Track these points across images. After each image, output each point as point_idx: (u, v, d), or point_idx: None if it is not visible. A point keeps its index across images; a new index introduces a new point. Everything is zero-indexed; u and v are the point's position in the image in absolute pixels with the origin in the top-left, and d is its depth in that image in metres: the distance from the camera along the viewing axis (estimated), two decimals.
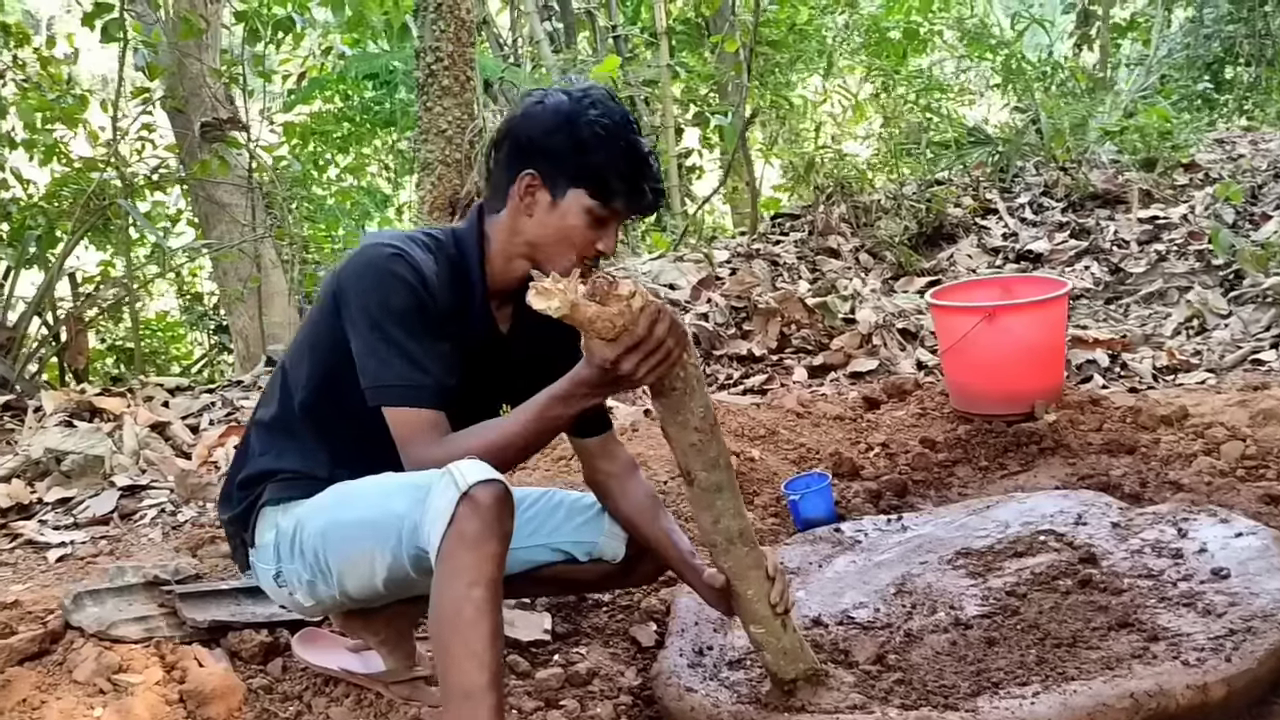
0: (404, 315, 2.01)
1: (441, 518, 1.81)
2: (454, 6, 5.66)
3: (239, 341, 8.54)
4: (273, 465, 2.18)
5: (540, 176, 2.08)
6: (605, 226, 2.10)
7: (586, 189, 2.06)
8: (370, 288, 2.02)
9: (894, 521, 3.25)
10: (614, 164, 2.04)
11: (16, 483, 3.94)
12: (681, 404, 1.92)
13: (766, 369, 5.40)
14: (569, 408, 1.94)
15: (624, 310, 1.74)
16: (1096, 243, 6.76)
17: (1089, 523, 2.96)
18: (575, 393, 1.91)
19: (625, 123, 2.08)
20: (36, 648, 2.40)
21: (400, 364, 1.99)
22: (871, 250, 6.98)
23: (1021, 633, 2.42)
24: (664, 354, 1.79)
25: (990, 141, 8.18)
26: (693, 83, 10.58)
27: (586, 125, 2.04)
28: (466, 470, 1.84)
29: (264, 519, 2.17)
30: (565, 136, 2.05)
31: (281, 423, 2.21)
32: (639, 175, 2.07)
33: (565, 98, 2.09)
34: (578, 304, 1.70)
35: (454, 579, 1.79)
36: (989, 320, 4.04)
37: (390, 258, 2.03)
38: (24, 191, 7.50)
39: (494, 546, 1.81)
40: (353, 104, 10.22)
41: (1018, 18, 10.14)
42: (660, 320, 1.76)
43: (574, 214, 2.07)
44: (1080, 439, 3.95)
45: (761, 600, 2.12)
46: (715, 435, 1.98)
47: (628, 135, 2.06)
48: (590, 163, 2.04)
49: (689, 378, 1.90)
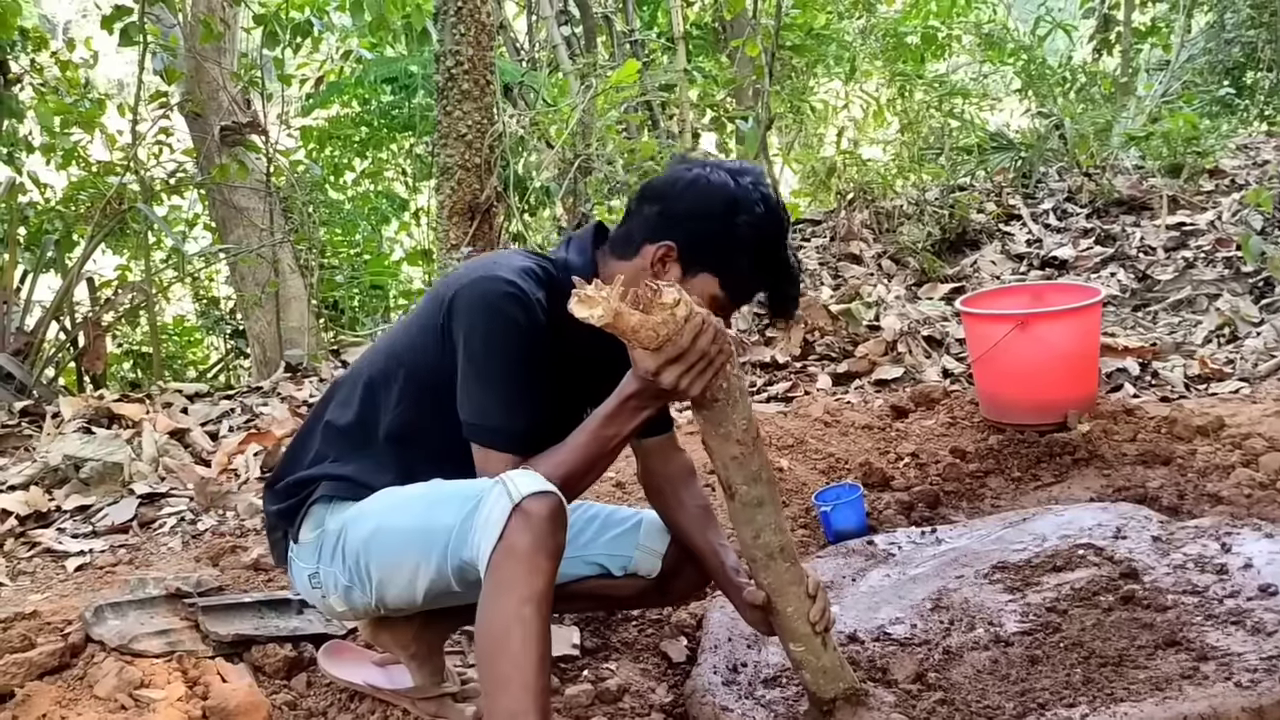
0: (510, 357, 1.98)
1: (493, 529, 1.76)
2: (474, 10, 5.61)
3: (256, 346, 8.50)
4: (334, 471, 2.13)
5: (679, 251, 2.03)
6: (723, 313, 2.03)
7: (720, 279, 2.03)
8: (481, 324, 1.99)
9: (928, 534, 3.20)
10: (758, 274, 2.05)
11: (35, 490, 3.90)
12: (724, 415, 1.86)
13: (790, 376, 5.34)
14: (622, 425, 1.90)
15: (668, 319, 1.68)
16: (1122, 249, 6.68)
17: (1129, 536, 2.90)
18: (624, 408, 1.88)
19: (779, 231, 2.06)
20: (56, 661, 2.36)
21: (496, 408, 1.98)
22: (894, 256, 6.91)
23: (1065, 651, 2.35)
24: (707, 365, 1.74)
25: (1013, 147, 8.10)
26: (709, 88, 10.52)
27: (744, 225, 2.01)
28: (520, 481, 1.80)
29: (311, 516, 2.12)
30: (719, 225, 2.01)
31: (358, 434, 2.15)
32: (778, 287, 2.08)
33: (730, 183, 2.03)
34: (620, 312, 1.64)
35: (503, 595, 1.74)
36: (1021, 328, 3.98)
37: (505, 296, 1.99)
38: (42, 196, 7.49)
39: (545, 562, 1.76)
40: (371, 108, 10.17)
41: (1039, 22, 10.05)
42: (704, 330, 1.70)
43: (699, 293, 1.99)
44: (1115, 450, 3.88)
45: (801, 618, 2.06)
46: (757, 448, 1.92)
47: (779, 248, 2.05)
48: (735, 263, 2.02)
49: (731, 388, 1.84)
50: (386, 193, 11.20)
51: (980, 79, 10.60)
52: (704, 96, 10.65)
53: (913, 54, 10.95)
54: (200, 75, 7.91)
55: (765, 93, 7.52)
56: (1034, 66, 9.39)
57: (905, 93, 9.62)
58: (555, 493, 1.80)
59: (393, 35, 8.58)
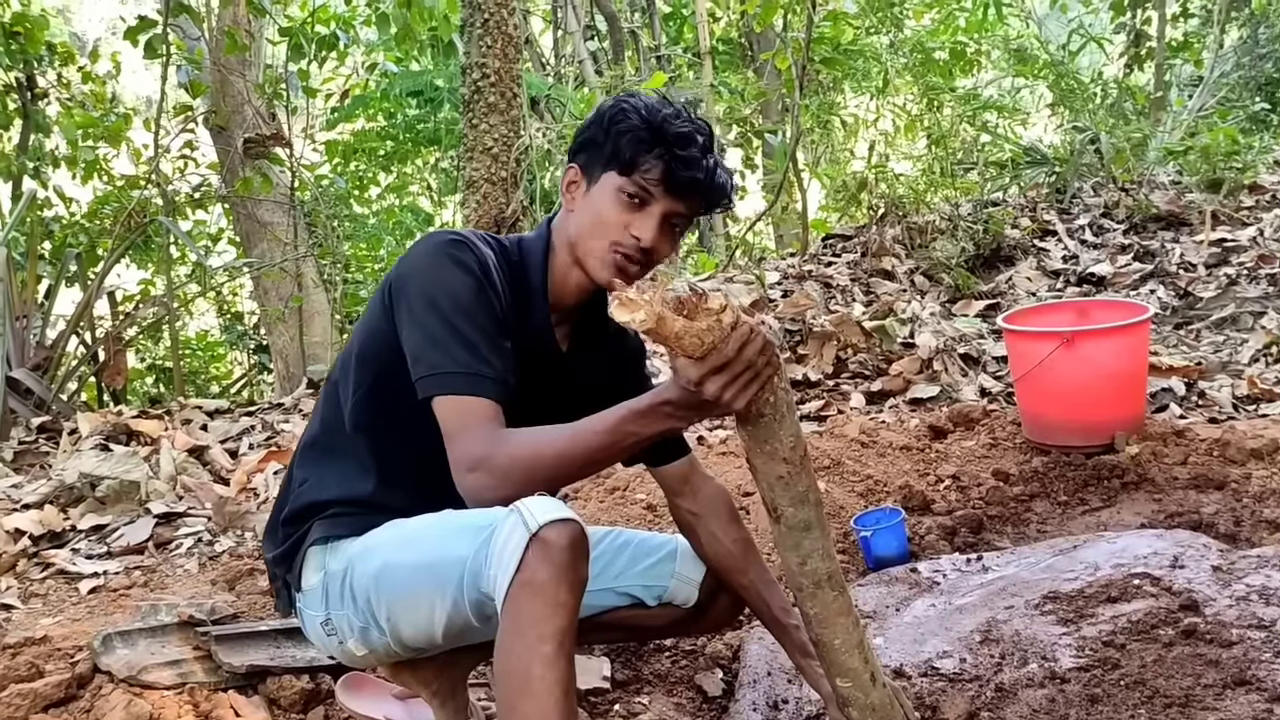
0: (467, 303, 1.83)
1: (509, 561, 1.63)
2: (501, 23, 5.55)
3: (279, 361, 8.46)
4: (316, 496, 2.00)
5: (581, 170, 1.95)
6: (641, 210, 1.90)
7: (616, 168, 1.89)
8: (431, 274, 1.85)
9: (973, 561, 3.06)
10: (639, 139, 1.87)
11: (49, 509, 3.82)
12: (770, 432, 1.73)
13: (823, 394, 5.21)
14: (646, 426, 1.72)
15: (713, 326, 1.55)
16: (1162, 266, 6.53)
17: (1187, 565, 2.76)
18: (657, 411, 1.70)
19: (663, 105, 1.92)
20: (63, 693, 2.27)
21: (462, 351, 1.79)
22: (927, 272, 6.79)
23: (1126, 689, 2.21)
24: (753, 376, 1.60)
25: (1047, 162, 7.98)
26: (735, 103, 10.46)
27: (620, 110, 1.90)
28: (535, 508, 1.66)
29: (311, 560, 1.98)
30: (603, 126, 1.91)
31: (325, 441, 2.03)
32: (669, 150, 1.88)
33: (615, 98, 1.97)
34: (664, 316, 1.51)
35: (522, 632, 1.61)
36: (1067, 346, 3.84)
37: (453, 243, 1.88)
38: (66, 210, 7.47)
39: (566, 595, 1.62)
40: (396, 122, 10.16)
41: (1073, 37, 9.94)
42: (752, 340, 1.57)
43: (606, 196, 1.90)
44: (1165, 473, 3.74)
45: (850, 651, 1.92)
46: (805, 467, 1.79)
47: (660, 113, 1.89)
48: (619, 142, 1.88)
49: (779, 403, 1.70)
50: (411, 207, 11.19)
51: (1012, 93, 10.49)
52: (730, 111, 10.59)
53: (941, 70, 10.86)
54: (225, 89, 7.90)
55: (795, 106, 7.41)
56: (1066, 81, 9.28)
57: (935, 107, 9.51)
58: (576, 519, 1.67)
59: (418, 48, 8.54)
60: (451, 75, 9.08)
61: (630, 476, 3.75)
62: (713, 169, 1.92)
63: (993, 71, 11.68)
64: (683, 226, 1.96)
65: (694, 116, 1.93)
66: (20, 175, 8.14)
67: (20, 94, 8.33)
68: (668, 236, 1.93)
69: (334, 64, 9.66)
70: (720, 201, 1.97)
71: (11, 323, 5.53)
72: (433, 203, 11.25)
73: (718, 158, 1.94)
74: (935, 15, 11.76)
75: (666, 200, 1.89)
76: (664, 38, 11.13)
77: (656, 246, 1.91)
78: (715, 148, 1.95)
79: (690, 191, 1.90)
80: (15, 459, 4.65)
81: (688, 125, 1.89)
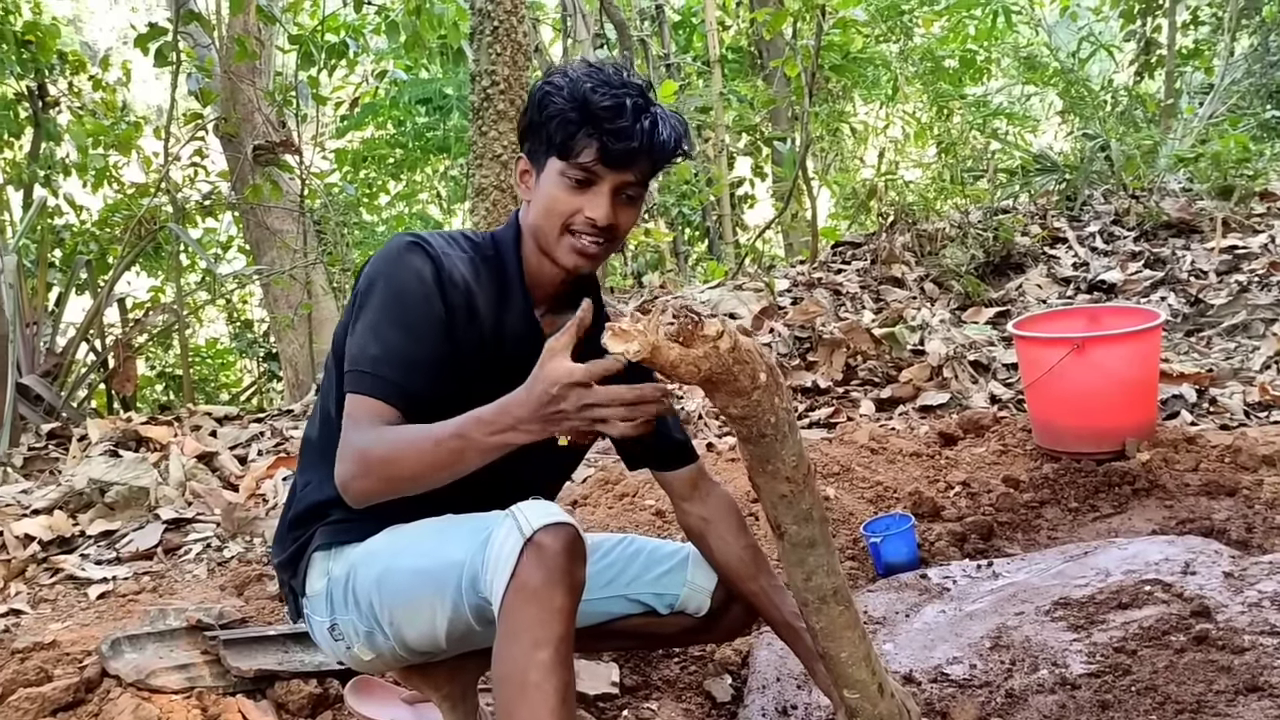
0: (398, 306, 1.84)
1: (504, 567, 1.63)
2: (510, 30, 5.54)
3: (289, 369, 8.47)
4: (318, 496, 2.00)
5: (529, 160, 1.94)
6: (588, 189, 1.87)
7: (558, 153, 1.87)
8: (378, 273, 1.87)
9: (983, 567, 3.05)
10: (568, 120, 1.84)
11: (59, 514, 3.83)
12: (771, 451, 1.71)
13: (832, 401, 5.20)
14: (490, 435, 1.67)
15: (710, 353, 1.53)
16: (1173, 273, 6.50)
17: (1198, 572, 2.74)
18: (498, 421, 1.66)
19: (587, 77, 1.87)
20: (70, 697, 2.26)
21: (375, 351, 1.80)
22: (937, 280, 6.77)
23: (1138, 695, 2.19)
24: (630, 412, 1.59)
25: (1057, 169, 7.95)
26: (745, 111, 10.46)
27: (545, 93, 1.88)
28: (530, 513, 1.66)
29: (315, 566, 1.98)
30: (536, 112, 1.89)
31: (321, 440, 2.02)
32: (598, 127, 1.84)
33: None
34: (659, 346, 1.49)
35: (517, 638, 1.61)
36: (1078, 352, 3.82)
37: (408, 246, 1.88)
38: (77, 218, 7.49)
39: (562, 600, 1.62)
40: (405, 130, 10.18)
41: (1082, 44, 9.92)
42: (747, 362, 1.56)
43: (552, 183, 1.88)
44: (1176, 479, 3.71)
45: (857, 663, 1.91)
46: (808, 485, 1.77)
47: (584, 87, 1.85)
48: (550, 127, 1.86)
49: (780, 423, 1.69)
50: (420, 214, 11.19)
51: (1022, 101, 10.48)
52: (739, 120, 10.60)
53: (951, 77, 10.86)
54: (235, 97, 7.92)
55: (805, 114, 7.41)
56: (1076, 89, 9.26)
57: (945, 114, 9.52)
58: (571, 523, 1.67)
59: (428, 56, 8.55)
60: (461, 83, 9.09)
61: (639, 482, 3.74)
62: (650, 130, 1.87)
63: (1002, 79, 11.68)
64: (638, 193, 1.93)
65: (623, 79, 1.89)
66: (31, 183, 8.19)
67: (32, 102, 8.38)
68: (625, 207, 1.91)
69: (344, 72, 9.68)
70: (669, 157, 1.94)
71: (22, 329, 5.54)
72: (442, 210, 11.25)
73: (656, 113, 1.89)
74: (945, 24, 11.77)
75: (612, 175, 1.86)
76: (673, 46, 11.13)
77: (615, 222, 1.89)
78: (649, 103, 1.89)
79: (631, 161, 1.87)
80: (25, 465, 4.66)
81: (614, 94, 1.84)
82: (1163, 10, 11.30)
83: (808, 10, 7.45)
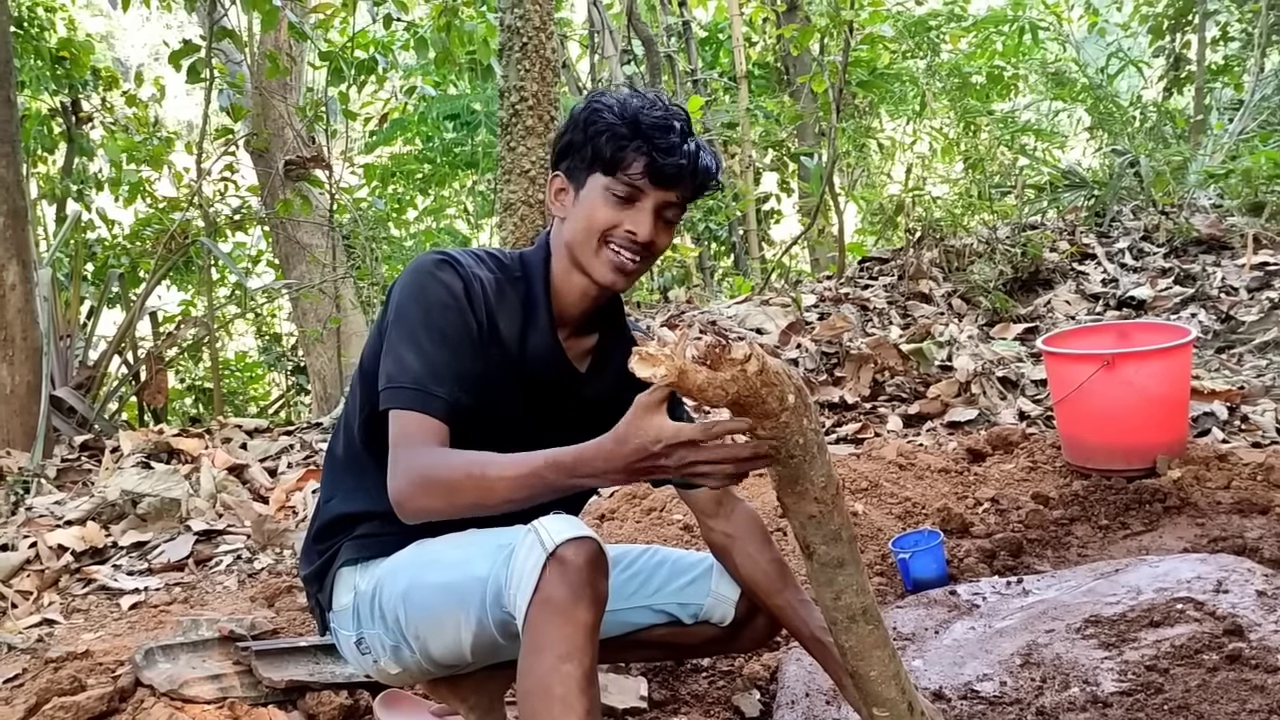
0: (435, 322, 1.85)
1: (528, 582, 1.64)
2: (539, 46, 5.58)
3: (317, 382, 8.52)
4: (343, 509, 2.02)
5: (565, 176, 1.95)
6: (632, 205, 1.90)
7: (600, 169, 1.89)
8: (409, 291, 1.88)
9: (1013, 584, 3.03)
10: (618, 135, 1.86)
11: (92, 525, 3.86)
12: (800, 472, 1.71)
13: (860, 417, 5.19)
14: (563, 479, 1.66)
15: (737, 376, 1.53)
16: (1203, 289, 6.46)
17: (1231, 590, 2.71)
18: (578, 470, 1.65)
19: (634, 98, 1.91)
20: (105, 706, 2.28)
21: (419, 367, 1.81)
22: (965, 295, 6.74)
23: (1170, 714, 2.17)
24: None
25: (1085, 185, 7.92)
26: (771, 127, 10.47)
27: (593, 110, 1.90)
28: (552, 527, 1.67)
29: (341, 580, 2.00)
30: (578, 127, 1.91)
31: (346, 457, 2.05)
32: (648, 143, 1.87)
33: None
34: (686, 370, 1.49)
35: (542, 652, 1.61)
36: (1108, 369, 3.80)
37: (437, 264, 1.89)
38: (109, 232, 7.57)
39: (586, 614, 1.63)
40: (433, 145, 10.23)
41: (1111, 60, 9.88)
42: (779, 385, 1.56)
43: (595, 198, 1.90)
44: (1208, 497, 3.68)
45: (886, 682, 1.90)
46: (837, 505, 1.77)
47: (634, 106, 1.89)
48: (598, 142, 1.88)
49: (809, 444, 1.68)
50: (449, 229, 11.24)
51: (1050, 117, 10.44)
52: (766, 135, 10.61)
53: (978, 94, 10.83)
54: (266, 112, 7.99)
55: (832, 129, 7.41)
56: (1104, 105, 9.22)
57: (972, 130, 9.49)
58: (594, 537, 1.68)
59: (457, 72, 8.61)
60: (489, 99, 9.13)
61: (666, 497, 3.74)
62: (695, 153, 1.90)
63: (1030, 95, 11.64)
64: (675, 215, 1.95)
65: (668, 104, 1.93)
66: (65, 198, 8.29)
67: (65, 118, 8.49)
68: (663, 229, 1.93)
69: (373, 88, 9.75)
70: (708, 183, 1.96)
71: (55, 342, 5.60)
72: (470, 225, 11.31)
73: (698, 140, 1.93)
74: (972, 40, 11.75)
75: (656, 192, 1.89)
76: (700, 62, 11.17)
77: (654, 239, 1.91)
78: (692, 130, 1.93)
79: (677, 179, 1.89)
80: (58, 476, 4.70)
81: (663, 114, 1.88)
82: (1192, 26, 11.25)
83: (835, 26, 7.46)
